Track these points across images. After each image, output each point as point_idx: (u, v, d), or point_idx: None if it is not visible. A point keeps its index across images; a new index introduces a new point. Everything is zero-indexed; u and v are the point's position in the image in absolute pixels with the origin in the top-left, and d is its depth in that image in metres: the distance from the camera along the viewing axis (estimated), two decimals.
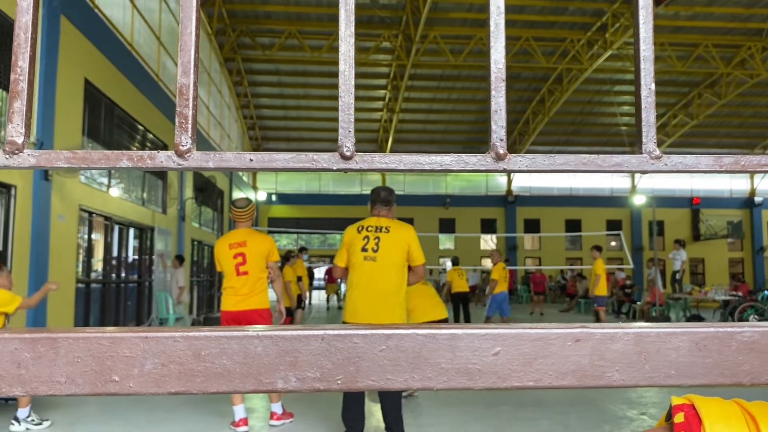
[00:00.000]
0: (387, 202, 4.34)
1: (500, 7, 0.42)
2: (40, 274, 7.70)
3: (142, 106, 11.81)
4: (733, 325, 0.42)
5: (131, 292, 11.97)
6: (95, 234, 10.30)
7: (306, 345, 0.39)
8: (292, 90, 23.69)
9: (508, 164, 0.41)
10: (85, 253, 9.81)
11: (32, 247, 7.60)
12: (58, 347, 0.38)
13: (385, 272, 4.12)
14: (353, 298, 4.14)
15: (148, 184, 12.83)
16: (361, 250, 4.15)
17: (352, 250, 4.20)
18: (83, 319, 9.44)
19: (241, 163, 0.40)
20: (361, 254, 4.14)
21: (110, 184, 10.71)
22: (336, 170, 0.41)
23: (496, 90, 0.42)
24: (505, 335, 0.40)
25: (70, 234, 8.78)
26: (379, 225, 4.23)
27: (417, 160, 0.42)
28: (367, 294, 4.11)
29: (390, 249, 4.14)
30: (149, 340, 0.38)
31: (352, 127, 0.41)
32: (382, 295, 4.11)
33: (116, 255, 11.25)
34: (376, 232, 4.19)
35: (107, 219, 10.48)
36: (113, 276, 11.05)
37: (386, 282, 4.12)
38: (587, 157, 0.42)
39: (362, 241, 4.17)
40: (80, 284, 9.32)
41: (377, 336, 0.39)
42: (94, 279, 10.11)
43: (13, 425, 4.80)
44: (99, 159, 0.40)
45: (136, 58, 11.72)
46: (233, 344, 0.39)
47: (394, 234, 4.19)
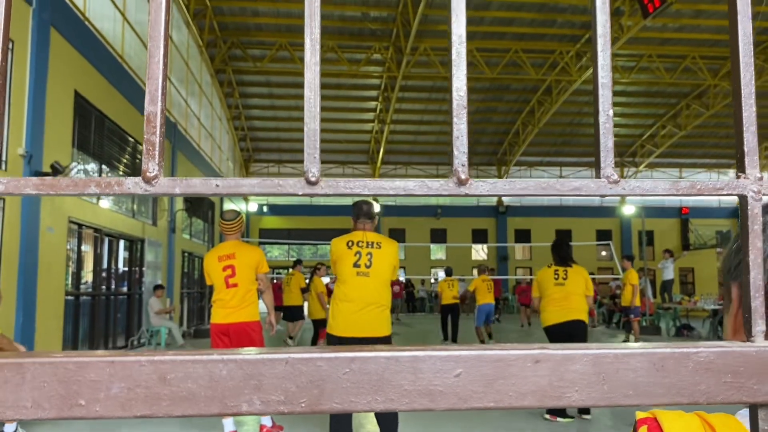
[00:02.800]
0: (370, 215, 4.39)
1: (461, 36, 0.43)
2: (28, 286, 7.65)
3: (132, 118, 11.80)
4: (689, 345, 0.43)
5: (121, 304, 11.91)
6: (85, 246, 10.25)
7: (270, 368, 0.40)
8: (284, 101, 23.74)
9: (469, 189, 0.42)
10: (75, 266, 9.76)
11: (21, 259, 7.56)
12: (24, 372, 0.39)
13: (378, 287, 4.22)
14: (344, 311, 4.17)
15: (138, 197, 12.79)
16: (353, 265, 4.19)
17: (341, 263, 4.23)
18: (72, 332, 9.38)
19: (207, 188, 0.41)
20: (353, 269, 4.19)
21: (100, 196, 10.66)
22: (301, 195, 0.42)
23: (458, 117, 0.43)
24: (466, 357, 0.41)
25: (59, 246, 8.74)
26: (369, 240, 4.27)
27: (381, 185, 0.43)
28: (360, 308, 4.16)
29: (382, 265, 4.23)
30: (115, 365, 0.39)
31: (318, 153, 0.42)
32: (375, 309, 4.18)
33: (106, 267, 11.19)
34: (368, 247, 4.24)
35: (97, 231, 10.43)
36: (103, 288, 10.99)
37: (378, 296, 4.21)
38: (546, 182, 0.43)
39: (354, 256, 4.20)
40: (69, 297, 9.27)
41: (341, 359, 0.40)
42: (83, 291, 10.05)
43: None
44: (67, 186, 0.40)
45: (127, 70, 11.72)
46: (198, 368, 0.39)
47: (385, 250, 4.27)
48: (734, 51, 0.45)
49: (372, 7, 18.22)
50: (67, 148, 8.94)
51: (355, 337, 4.16)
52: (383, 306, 4.23)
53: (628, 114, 25.46)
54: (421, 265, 28.91)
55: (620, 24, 17.46)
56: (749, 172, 0.45)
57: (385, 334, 4.30)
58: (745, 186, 0.45)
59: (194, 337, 14.59)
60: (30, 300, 7.68)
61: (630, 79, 21.57)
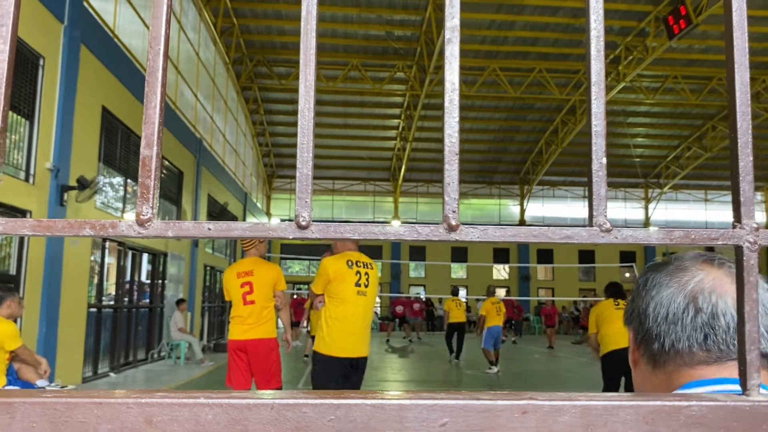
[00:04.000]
0: None
1: (454, 84, 0.43)
2: (52, 297, 7.76)
3: None
4: (680, 398, 0.42)
5: (143, 317, 12.01)
6: (108, 258, 10.38)
7: (255, 414, 0.40)
8: None
9: (459, 235, 0.42)
10: (98, 278, 9.88)
11: (45, 271, 7.67)
12: (14, 412, 0.39)
13: (371, 307, 4.40)
14: (343, 331, 4.20)
15: (163, 210, 12.95)
16: (355, 284, 4.24)
17: (343, 283, 4.24)
18: (94, 344, 9.48)
19: (199, 232, 0.42)
20: (355, 288, 4.23)
21: (125, 209, 10.82)
22: (292, 239, 0.42)
23: (450, 163, 0.43)
24: (453, 406, 0.41)
25: (83, 259, 8.86)
26: (364, 261, 4.38)
27: (371, 230, 0.43)
28: (358, 328, 4.25)
29: (375, 285, 4.38)
30: (103, 406, 0.39)
31: (309, 198, 0.43)
32: (367, 328, 4.37)
33: (129, 280, 11.32)
34: (365, 267, 4.34)
35: (120, 244, 10.57)
36: (125, 301, 11.11)
37: (370, 316, 4.42)
38: (538, 230, 0.43)
39: (355, 276, 4.25)
40: (92, 309, 9.38)
41: (326, 405, 0.40)
42: (105, 304, 10.16)
43: None
44: (62, 227, 0.41)
45: None
46: (184, 411, 0.40)
47: (375, 270, 4.42)
48: (732, 101, 0.44)
49: (396, 27, 18.37)
50: (93, 162, 9.09)
51: (351, 357, 4.19)
52: (370, 325, 4.42)
53: (653, 135, 25.24)
54: (442, 284, 28.78)
55: (645, 45, 17.38)
56: (745, 222, 0.44)
57: (368, 354, 4.45)
58: (741, 236, 0.44)
59: (214, 351, 14.64)
60: (53, 311, 7.79)
61: (655, 100, 21.41)
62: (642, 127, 24.46)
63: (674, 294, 0.84)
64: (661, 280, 0.87)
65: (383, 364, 13.13)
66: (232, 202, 19.12)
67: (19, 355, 4.62)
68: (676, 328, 0.83)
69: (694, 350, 0.82)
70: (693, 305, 0.82)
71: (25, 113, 7.44)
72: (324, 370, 4.24)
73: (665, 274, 0.88)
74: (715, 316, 0.81)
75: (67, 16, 8.00)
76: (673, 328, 0.83)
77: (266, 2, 16.97)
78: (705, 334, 0.81)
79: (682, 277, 0.85)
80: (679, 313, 0.83)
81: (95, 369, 9.59)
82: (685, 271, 0.86)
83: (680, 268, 0.87)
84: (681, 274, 0.86)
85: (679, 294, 0.84)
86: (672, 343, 0.83)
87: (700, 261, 0.88)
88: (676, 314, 0.83)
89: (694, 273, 0.85)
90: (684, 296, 0.83)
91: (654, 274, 0.89)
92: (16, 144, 7.38)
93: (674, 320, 0.83)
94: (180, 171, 13.65)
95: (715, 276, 0.84)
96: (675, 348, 0.83)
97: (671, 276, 0.87)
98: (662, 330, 0.84)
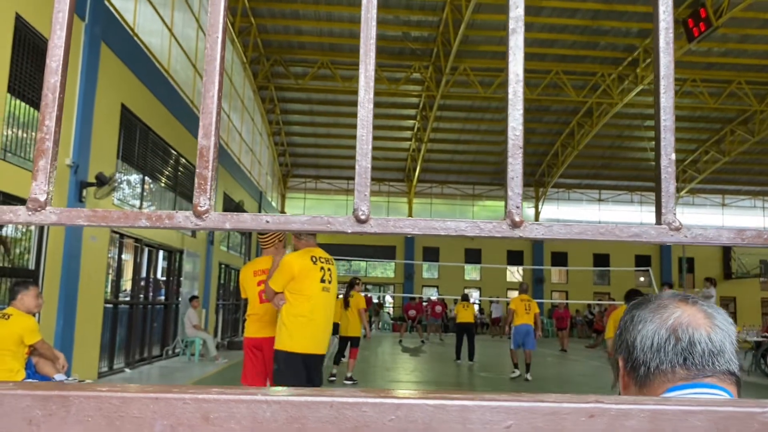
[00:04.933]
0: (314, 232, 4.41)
1: (519, 75, 0.42)
2: (70, 292, 7.82)
3: (176, 132, 12.05)
4: (754, 405, 0.40)
5: (158, 313, 12.08)
6: (125, 255, 10.46)
7: (314, 412, 0.39)
8: (323, 118, 23.99)
9: (523, 232, 0.41)
10: (115, 274, 9.95)
11: (63, 267, 7.74)
12: (69, 405, 0.38)
13: (333, 303, 4.38)
14: (307, 327, 4.14)
15: (179, 208, 13.01)
16: (320, 281, 4.22)
17: (308, 279, 4.19)
18: (110, 339, 9.54)
19: (257, 224, 0.41)
20: (320, 285, 4.22)
21: (142, 206, 10.89)
22: (351, 233, 0.41)
23: (513, 157, 0.41)
24: (517, 408, 0.39)
25: (100, 255, 8.93)
26: (325, 257, 4.38)
27: (432, 225, 0.41)
28: (321, 324, 4.23)
29: (336, 282, 4.41)
30: (159, 401, 0.38)
31: (368, 191, 0.41)
32: (329, 324, 4.35)
33: (145, 276, 11.39)
34: (327, 263, 4.34)
35: (137, 241, 10.63)
36: (141, 297, 11.18)
37: (332, 312, 4.39)
38: (605, 227, 0.42)
39: (320, 272, 4.23)
40: (108, 305, 9.44)
41: (387, 405, 0.39)
42: (122, 300, 10.23)
43: None
44: (118, 218, 0.40)
45: (172, 84, 12.00)
46: (242, 408, 0.39)
47: (335, 268, 4.43)
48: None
49: (413, 27, 18.35)
50: (112, 159, 9.16)
51: (314, 354, 4.16)
52: (331, 322, 4.39)
53: None
54: (455, 285, 28.71)
55: None
56: None
57: (326, 352, 4.41)
58: None
59: (228, 349, 14.70)
60: (71, 306, 7.85)
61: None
62: None
63: (657, 328, 1.02)
64: (645, 316, 1.05)
65: (396, 365, 13.11)
66: (247, 200, 19.19)
67: (38, 349, 4.65)
68: (660, 354, 1.00)
69: (676, 370, 0.99)
70: (673, 336, 1.00)
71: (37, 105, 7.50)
72: (288, 368, 4.20)
73: (649, 311, 1.05)
74: (692, 343, 0.99)
75: (88, 13, 8.07)
76: (657, 354, 1.01)
77: (284, 2, 17.02)
78: (684, 357, 0.99)
79: (663, 313, 1.03)
80: (662, 343, 1.00)
81: (111, 364, 9.66)
82: (666, 308, 1.04)
83: (661, 306, 1.05)
84: (662, 311, 1.04)
85: (662, 328, 1.01)
86: (656, 366, 1.00)
87: (677, 300, 1.06)
88: (659, 344, 1.01)
89: (673, 310, 1.03)
90: (666, 330, 1.01)
91: (638, 311, 1.07)
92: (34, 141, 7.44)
93: (658, 348, 1.01)
94: None
95: (690, 312, 1.02)
96: (659, 369, 1.00)
97: (654, 313, 1.04)
98: (648, 357, 1.02)
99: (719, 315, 1.06)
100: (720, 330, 1.02)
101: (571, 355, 17.07)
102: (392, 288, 30.23)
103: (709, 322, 1.02)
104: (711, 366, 0.99)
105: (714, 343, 1.00)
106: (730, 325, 1.04)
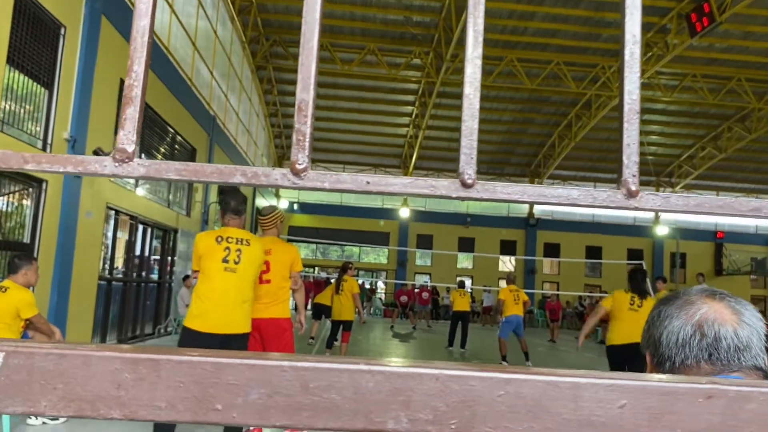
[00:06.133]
0: (237, 212, 4.46)
1: (635, 36, 0.39)
2: (64, 268, 7.77)
3: (173, 109, 11.95)
4: None
5: (151, 292, 12.05)
6: (120, 232, 10.40)
7: (420, 384, 0.37)
8: (321, 101, 23.85)
9: (639, 202, 0.39)
10: (110, 251, 9.90)
11: (59, 242, 7.69)
12: (160, 369, 0.36)
13: (243, 284, 4.26)
14: (206, 306, 4.15)
15: (174, 186, 12.94)
16: (222, 260, 4.19)
17: (209, 259, 4.20)
18: (103, 316, 9.51)
19: (357, 185, 0.38)
20: (222, 264, 4.19)
21: (137, 183, 10.82)
22: (455, 198, 0.39)
23: (629, 122, 0.39)
24: (631, 387, 0.37)
25: (96, 231, 8.87)
26: (240, 237, 4.32)
27: (541, 192, 0.39)
28: (225, 304, 4.17)
29: (250, 262, 4.28)
30: (255, 368, 0.36)
31: (475, 153, 0.39)
32: (239, 305, 4.22)
33: (139, 254, 11.33)
34: (238, 243, 4.28)
35: (132, 218, 10.57)
36: (134, 275, 11.13)
37: (242, 293, 4.25)
38: (723, 200, 0.39)
39: (223, 251, 4.22)
40: (102, 281, 9.40)
41: (496, 380, 0.37)
42: (115, 277, 10.19)
43: (30, 419, 4.82)
44: (212, 173, 0.38)
45: (171, 62, 11.88)
46: (343, 378, 0.36)
47: (254, 248, 4.34)
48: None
49: (415, 12, 18.21)
50: (109, 134, 9.07)
51: (216, 333, 4.13)
52: (247, 302, 4.29)
53: (668, 133, 25.03)
54: (448, 273, 28.78)
55: (666, 41, 17.19)
56: None
57: (246, 331, 4.32)
58: None
59: None
60: (65, 281, 7.81)
61: (672, 98, 21.20)
62: (657, 125, 24.24)
63: (683, 324, 1.03)
64: (672, 312, 1.06)
65: (387, 350, 13.15)
66: None
67: (34, 324, 4.62)
68: (685, 350, 1.02)
69: (701, 365, 1.00)
70: (699, 331, 1.01)
71: (44, 82, 7.42)
72: (182, 343, 4.24)
73: (675, 308, 1.07)
74: (718, 339, 1.00)
75: None
76: (682, 350, 1.02)
77: None
78: (709, 353, 1.00)
79: (689, 309, 1.04)
80: (687, 338, 1.02)
81: (103, 340, 9.63)
82: (692, 304, 1.05)
83: (688, 302, 1.06)
84: (688, 307, 1.05)
85: (687, 324, 1.03)
86: (681, 361, 1.02)
87: (704, 296, 1.06)
88: (684, 339, 1.02)
89: (700, 306, 1.04)
90: (691, 325, 1.02)
91: (665, 308, 1.09)
92: (31, 115, 7.35)
93: (683, 344, 1.02)
94: (193, 148, 13.63)
95: (716, 308, 1.03)
96: (684, 364, 1.01)
97: (680, 309, 1.05)
98: (673, 353, 1.03)
99: (747, 311, 1.06)
100: (747, 326, 1.03)
101: (561, 345, 17.17)
102: (385, 274, 30.26)
103: (736, 318, 1.03)
104: (737, 361, 1.00)
105: (740, 339, 1.01)
106: (759, 321, 1.04)
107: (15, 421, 4.79)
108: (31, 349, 0.36)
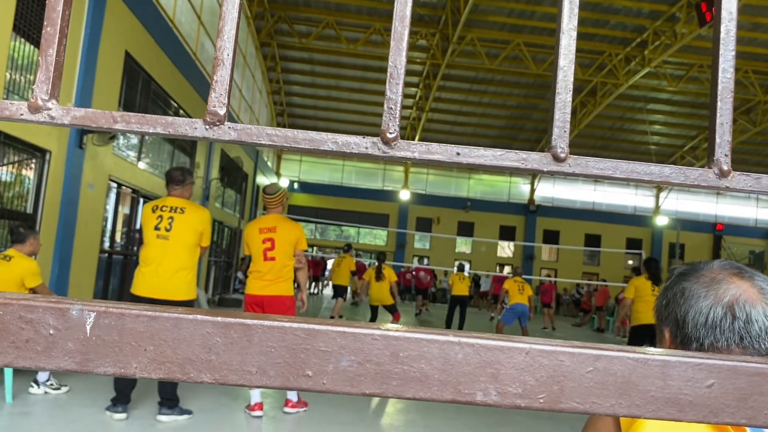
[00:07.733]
0: (179, 181, 4.61)
1: (732, 13, 0.39)
2: (66, 240, 7.77)
3: (177, 83, 11.88)
4: None
5: None
6: (122, 207, 10.38)
7: (509, 357, 0.37)
8: (324, 80, 23.72)
9: (731, 182, 0.38)
10: (111, 224, 9.89)
11: (61, 213, 7.68)
12: (251, 334, 0.36)
13: (178, 251, 4.36)
14: (144, 273, 4.35)
15: (176, 161, 12.91)
16: (154, 228, 4.37)
17: (146, 228, 4.42)
18: (103, 288, 9.54)
19: (447, 156, 0.38)
20: (155, 233, 4.37)
21: (140, 157, 10.79)
22: (546, 172, 0.39)
23: (723, 101, 0.39)
24: (720, 367, 0.37)
25: (98, 203, 8.86)
26: (174, 205, 4.48)
27: (634, 169, 0.39)
28: (160, 271, 4.32)
29: (183, 229, 4.40)
30: (347, 336, 0.36)
31: (568, 127, 0.38)
32: (174, 272, 4.34)
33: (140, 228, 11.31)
34: (171, 212, 4.44)
35: (134, 191, 10.56)
36: (135, 249, 11.13)
37: (176, 260, 4.36)
38: None
39: (156, 220, 4.40)
40: (103, 254, 9.41)
41: (585, 356, 0.37)
42: (116, 250, 10.19)
43: (33, 387, 4.85)
44: (303, 140, 0.37)
45: (177, 36, 11.79)
46: (433, 348, 0.36)
47: (189, 215, 4.45)
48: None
49: None
50: (113, 107, 9.02)
51: (152, 298, 4.26)
52: (184, 269, 4.37)
53: (671, 123, 24.96)
54: (446, 256, 28.84)
55: (674, 31, 17.07)
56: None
57: (187, 299, 4.43)
58: None
59: (219, 305, 14.76)
60: (66, 253, 7.81)
61: (677, 88, 21.11)
62: (661, 115, 24.17)
63: (713, 304, 1.00)
64: (699, 291, 1.02)
65: None
66: (244, 159, 19.06)
67: (37, 293, 4.63)
68: (715, 332, 0.98)
69: (732, 348, 0.97)
70: (730, 313, 0.98)
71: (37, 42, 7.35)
72: None
73: (702, 285, 1.03)
74: (749, 321, 0.97)
75: None
76: (712, 332, 0.99)
77: None
78: (741, 336, 0.97)
79: (717, 289, 1.01)
80: (717, 321, 0.98)
81: None
82: (720, 283, 1.02)
83: (715, 280, 1.02)
84: (716, 286, 1.01)
85: (717, 305, 0.99)
86: (711, 343, 0.99)
87: (730, 274, 1.03)
88: (714, 321, 0.99)
89: (728, 285, 1.01)
90: (722, 307, 0.99)
91: (689, 284, 1.05)
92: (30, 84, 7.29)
93: (713, 326, 0.99)
94: None
95: (744, 288, 1.00)
96: (714, 347, 0.98)
97: (708, 288, 1.02)
98: (701, 334, 1.00)
99: None
100: None
101: (558, 333, 17.25)
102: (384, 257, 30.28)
103: (765, 298, 1.00)
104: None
105: None
106: None
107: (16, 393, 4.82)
108: (122, 310, 0.36)
